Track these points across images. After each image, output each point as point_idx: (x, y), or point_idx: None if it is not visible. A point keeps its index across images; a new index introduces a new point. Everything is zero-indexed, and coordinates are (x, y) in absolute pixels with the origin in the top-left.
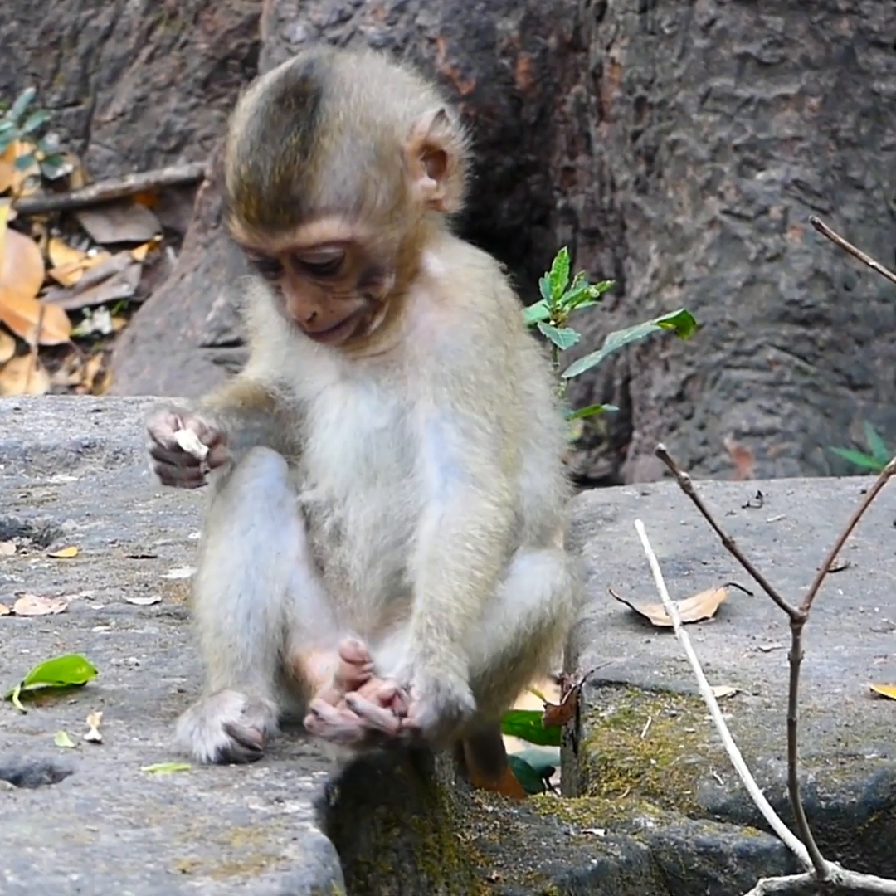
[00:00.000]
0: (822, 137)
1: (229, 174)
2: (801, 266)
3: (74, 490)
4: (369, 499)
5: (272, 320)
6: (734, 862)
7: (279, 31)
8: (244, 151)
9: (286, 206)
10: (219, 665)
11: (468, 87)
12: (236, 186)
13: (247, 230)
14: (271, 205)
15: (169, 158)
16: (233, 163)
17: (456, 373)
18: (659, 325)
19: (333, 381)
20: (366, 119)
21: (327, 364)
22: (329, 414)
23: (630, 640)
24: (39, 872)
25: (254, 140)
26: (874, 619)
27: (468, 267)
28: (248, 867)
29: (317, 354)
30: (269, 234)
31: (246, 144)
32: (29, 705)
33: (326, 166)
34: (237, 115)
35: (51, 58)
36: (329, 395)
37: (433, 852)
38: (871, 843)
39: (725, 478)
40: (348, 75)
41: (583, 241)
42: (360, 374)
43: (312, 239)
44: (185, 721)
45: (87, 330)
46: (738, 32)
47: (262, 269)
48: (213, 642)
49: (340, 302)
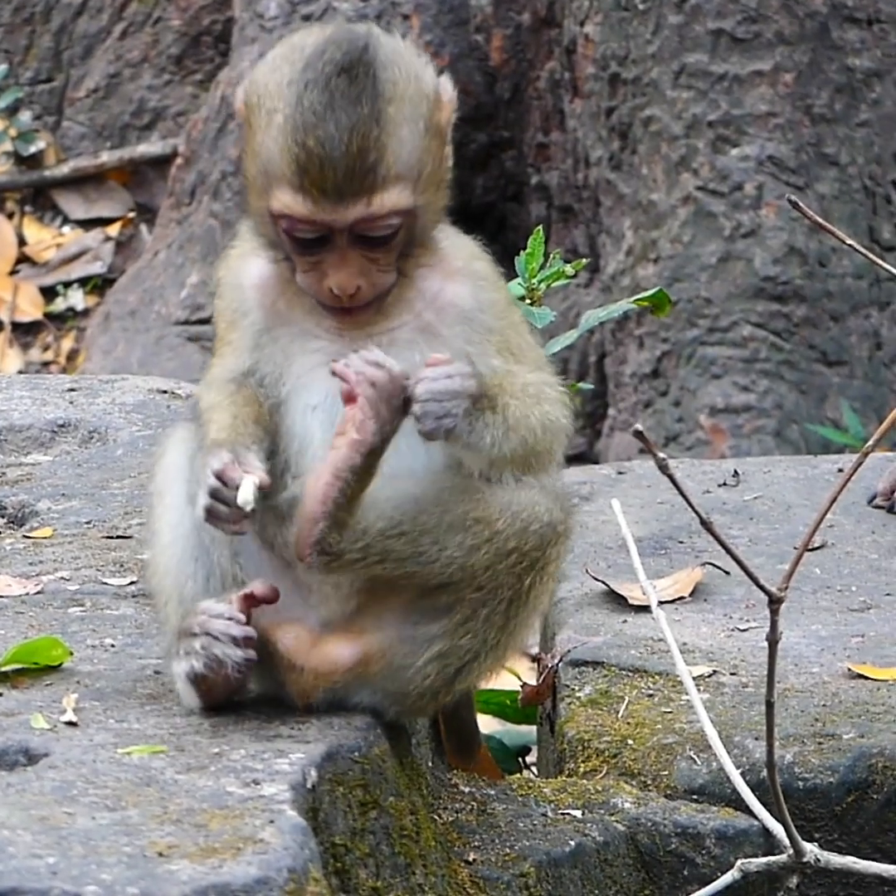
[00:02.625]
0: (797, 113)
1: (285, 147)
2: (775, 242)
3: (49, 470)
4: None
5: (255, 306)
6: (712, 843)
7: (252, 7)
8: (308, 123)
9: (362, 175)
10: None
11: (442, 63)
12: (300, 158)
13: (310, 202)
14: (346, 175)
15: (142, 135)
16: (291, 136)
17: (493, 333)
18: (635, 303)
19: (322, 362)
20: (416, 88)
21: (316, 346)
22: (312, 398)
23: (607, 619)
24: (15, 855)
25: (318, 111)
26: (851, 599)
27: (463, 239)
28: (225, 850)
29: (303, 338)
30: (339, 204)
31: (309, 116)
32: (4, 687)
33: (395, 135)
34: (273, 89)
35: (23, 34)
36: (312, 378)
37: (410, 834)
38: (849, 824)
39: (700, 455)
40: (391, 46)
41: (557, 217)
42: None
43: (385, 208)
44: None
45: (60, 307)
46: (713, 8)
47: (305, 245)
48: (177, 609)
49: (382, 275)
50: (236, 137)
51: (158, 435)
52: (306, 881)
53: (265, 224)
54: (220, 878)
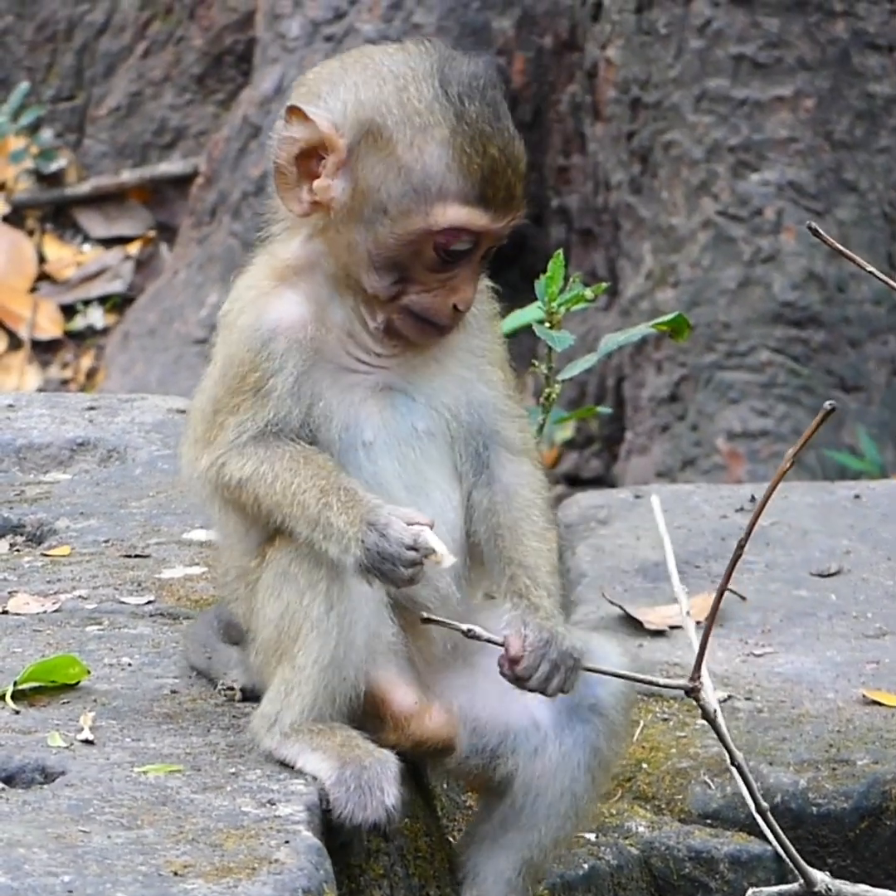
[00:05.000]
0: (817, 139)
1: (459, 160)
2: (794, 268)
3: (68, 488)
4: (427, 510)
5: (294, 349)
6: (725, 868)
7: (274, 27)
8: (485, 133)
9: (521, 185)
10: (319, 694)
11: None
12: (483, 169)
13: (487, 212)
14: (516, 185)
15: (163, 154)
16: (467, 147)
17: (492, 350)
18: (654, 327)
19: (364, 396)
20: None
21: (355, 380)
22: (366, 433)
23: (623, 643)
24: (31, 873)
25: (490, 121)
26: (867, 625)
27: None
28: (241, 870)
29: (341, 374)
30: (507, 212)
31: (483, 126)
32: (22, 705)
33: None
34: (415, 106)
35: (46, 52)
36: (360, 413)
37: (425, 856)
38: (862, 850)
39: (717, 479)
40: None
41: (577, 240)
42: (396, 380)
43: (522, 215)
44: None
45: (80, 325)
46: (734, 33)
47: (450, 261)
48: (322, 672)
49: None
50: (257, 157)
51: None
52: None
53: (398, 247)
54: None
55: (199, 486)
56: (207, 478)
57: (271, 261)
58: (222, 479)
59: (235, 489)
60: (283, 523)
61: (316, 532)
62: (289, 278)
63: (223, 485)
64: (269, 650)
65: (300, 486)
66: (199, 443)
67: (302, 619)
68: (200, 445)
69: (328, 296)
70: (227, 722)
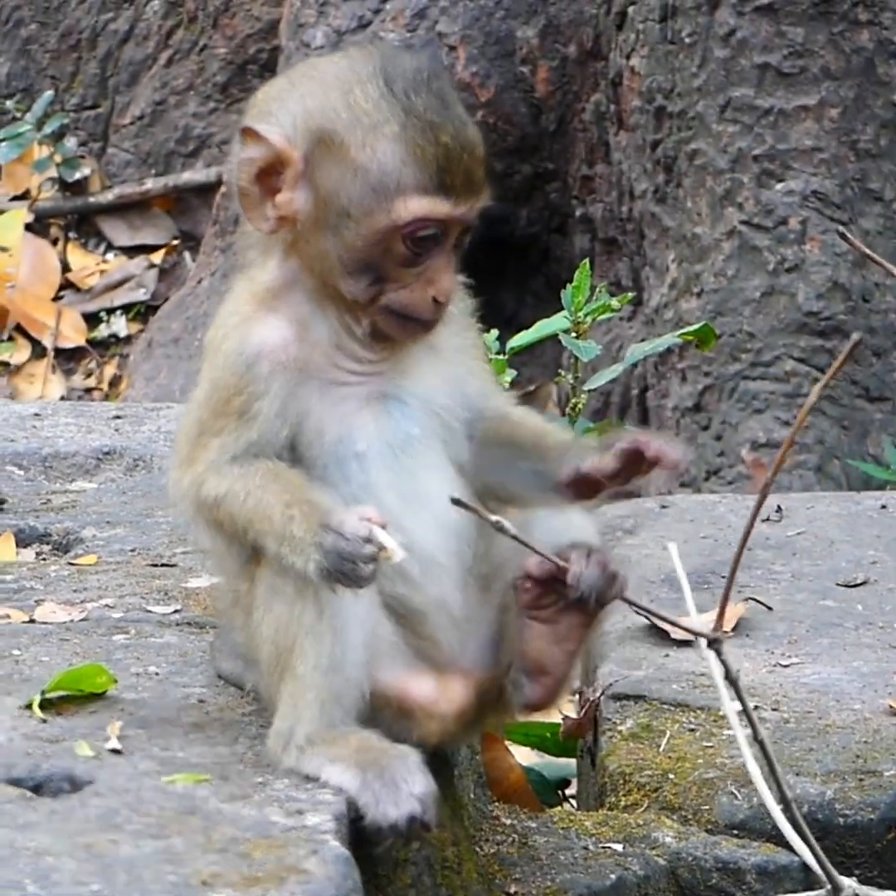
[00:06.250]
0: (842, 148)
1: (413, 152)
2: (819, 277)
3: (94, 497)
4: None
5: (279, 370)
6: (752, 878)
7: (298, 36)
8: (434, 123)
9: (480, 169)
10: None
11: (487, 95)
12: (438, 157)
13: (447, 199)
14: (475, 168)
15: (187, 163)
16: (420, 139)
17: (475, 346)
18: (680, 337)
19: (355, 408)
20: None
21: (345, 392)
22: (359, 444)
23: (649, 653)
24: (60, 882)
25: (439, 111)
26: (893, 635)
27: None
28: (269, 879)
29: (330, 387)
30: (468, 198)
31: (432, 116)
32: (49, 714)
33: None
34: (363, 107)
35: (70, 61)
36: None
37: (452, 866)
38: (889, 860)
39: (742, 489)
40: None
41: (601, 250)
42: (389, 386)
43: (486, 200)
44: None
45: (103, 334)
46: (759, 43)
47: (420, 253)
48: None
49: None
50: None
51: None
52: None
53: (366, 248)
54: None
55: (183, 507)
56: (189, 497)
57: (251, 286)
58: (201, 498)
59: (213, 507)
60: (255, 540)
61: (283, 547)
62: (269, 301)
63: (202, 504)
64: (271, 667)
65: (268, 501)
66: (183, 463)
67: (296, 629)
68: (184, 466)
69: (310, 313)
70: (255, 731)
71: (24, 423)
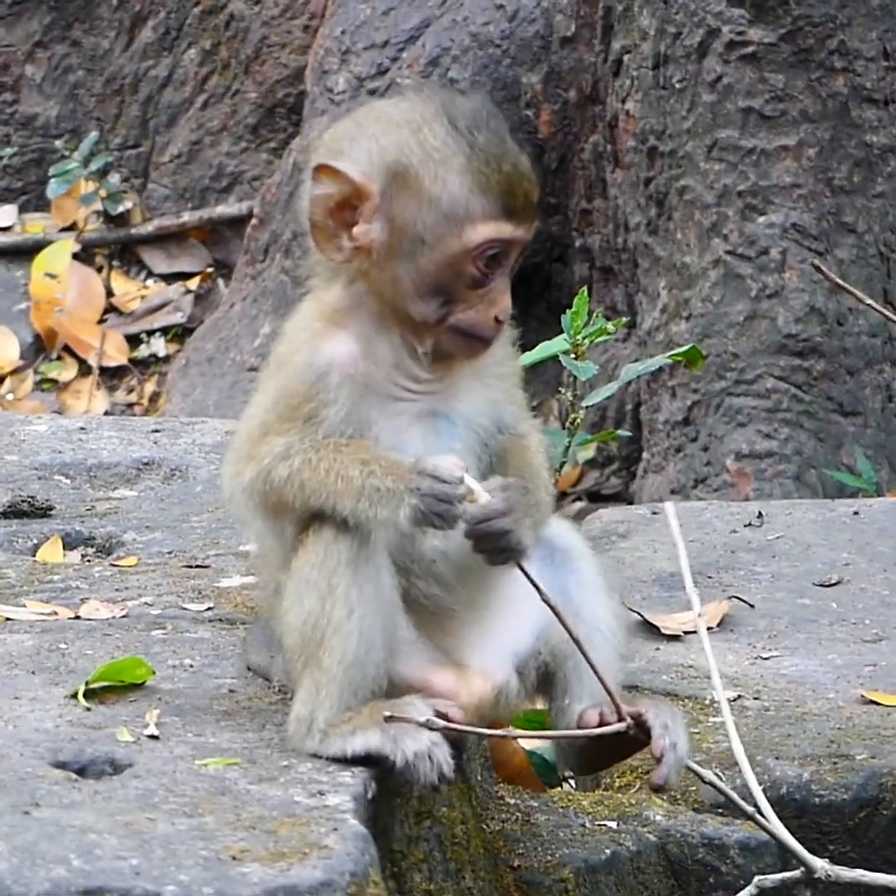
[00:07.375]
0: (819, 185)
1: (479, 181)
2: (797, 303)
3: (135, 504)
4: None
5: (346, 383)
6: (735, 853)
7: (322, 82)
8: (496, 154)
9: (535, 194)
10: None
11: None
12: (501, 184)
13: (511, 222)
14: (531, 194)
15: (220, 197)
16: (485, 168)
17: (515, 374)
18: (671, 358)
19: (408, 423)
20: None
21: (401, 408)
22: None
23: (641, 647)
24: (101, 857)
25: (498, 143)
26: (865, 631)
27: None
28: (293, 855)
29: (387, 403)
30: (528, 220)
31: (493, 148)
32: (93, 703)
33: None
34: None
35: (114, 104)
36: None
37: (461, 842)
38: (861, 837)
39: (726, 496)
40: None
41: (598, 277)
42: (439, 405)
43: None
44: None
45: (144, 353)
46: (743, 88)
47: (488, 273)
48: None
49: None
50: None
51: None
52: (366, 884)
53: (439, 271)
54: (289, 881)
55: (243, 499)
56: (253, 489)
57: (319, 306)
58: (270, 482)
59: (282, 486)
60: (326, 503)
61: (361, 502)
62: (337, 320)
63: (270, 489)
64: (296, 654)
65: (342, 462)
66: (242, 459)
67: (325, 624)
68: (244, 461)
69: (374, 333)
70: (280, 719)
71: (71, 437)
